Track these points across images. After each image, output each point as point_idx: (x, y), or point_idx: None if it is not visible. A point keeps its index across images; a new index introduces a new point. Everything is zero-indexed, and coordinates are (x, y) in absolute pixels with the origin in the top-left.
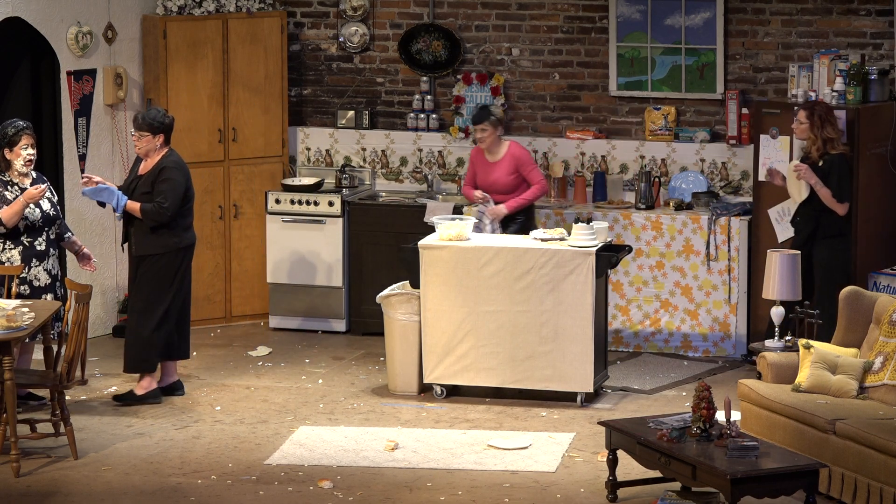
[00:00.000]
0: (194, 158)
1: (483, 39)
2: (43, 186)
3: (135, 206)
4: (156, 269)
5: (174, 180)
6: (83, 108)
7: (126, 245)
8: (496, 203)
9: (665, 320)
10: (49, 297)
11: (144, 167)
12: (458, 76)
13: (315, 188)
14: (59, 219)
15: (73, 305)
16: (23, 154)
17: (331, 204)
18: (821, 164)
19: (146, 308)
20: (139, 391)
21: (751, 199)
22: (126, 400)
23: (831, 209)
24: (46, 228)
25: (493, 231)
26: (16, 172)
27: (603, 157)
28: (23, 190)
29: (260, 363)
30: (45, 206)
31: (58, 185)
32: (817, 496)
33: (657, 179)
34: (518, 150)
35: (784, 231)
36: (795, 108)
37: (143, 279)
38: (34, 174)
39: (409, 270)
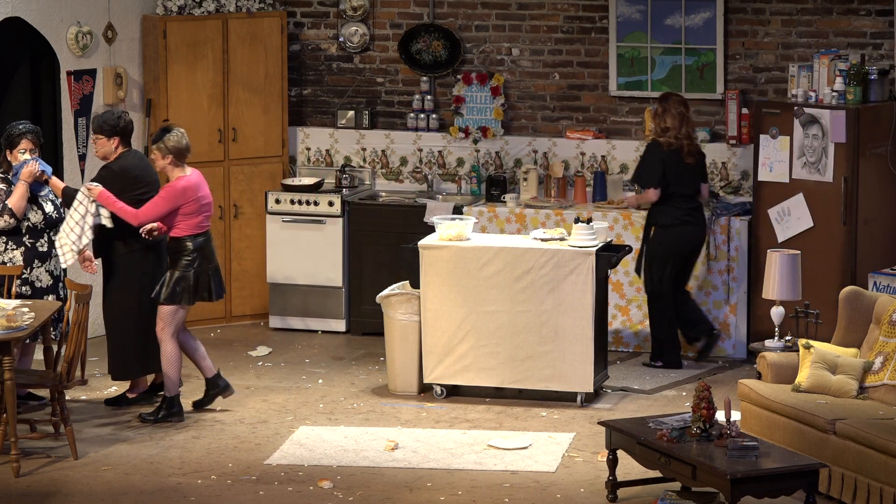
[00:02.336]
0: (194, 158)
1: (483, 39)
2: (34, 163)
3: (58, 184)
4: (120, 270)
5: (102, 178)
6: (83, 108)
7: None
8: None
9: None
10: (51, 298)
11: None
12: (458, 76)
13: (315, 188)
14: (62, 220)
15: (73, 305)
16: (19, 158)
17: (331, 204)
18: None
19: (118, 313)
20: (130, 394)
21: (751, 199)
22: (118, 403)
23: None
24: (48, 230)
25: (87, 218)
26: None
27: (603, 157)
28: (18, 170)
29: (260, 363)
30: (48, 208)
31: None
32: (817, 496)
33: None
34: (173, 183)
35: (784, 231)
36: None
37: (110, 282)
38: (37, 159)
39: (409, 270)
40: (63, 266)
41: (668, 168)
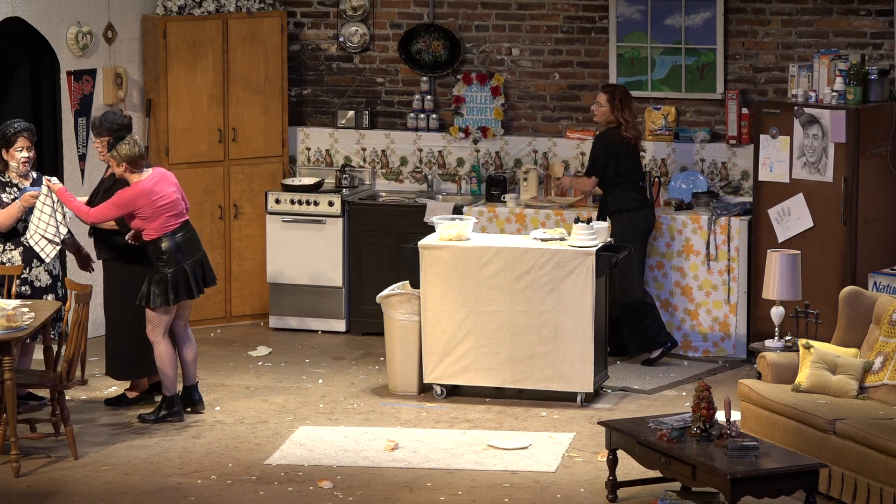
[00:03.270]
0: (194, 158)
1: (483, 39)
2: (36, 191)
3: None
4: (120, 271)
5: (117, 182)
6: (83, 108)
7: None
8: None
9: (665, 320)
10: (50, 297)
11: (110, 170)
12: (458, 76)
13: (315, 188)
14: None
15: (73, 305)
16: (17, 156)
17: (331, 204)
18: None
19: (121, 313)
20: (130, 394)
21: (751, 199)
22: (118, 403)
23: (617, 189)
24: None
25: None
26: (13, 173)
27: None
28: (21, 191)
29: (260, 363)
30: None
31: None
32: (817, 496)
33: (657, 179)
34: (128, 188)
35: (784, 231)
36: (602, 87)
37: (110, 283)
38: (34, 174)
39: (409, 270)
40: (47, 260)
41: (620, 158)
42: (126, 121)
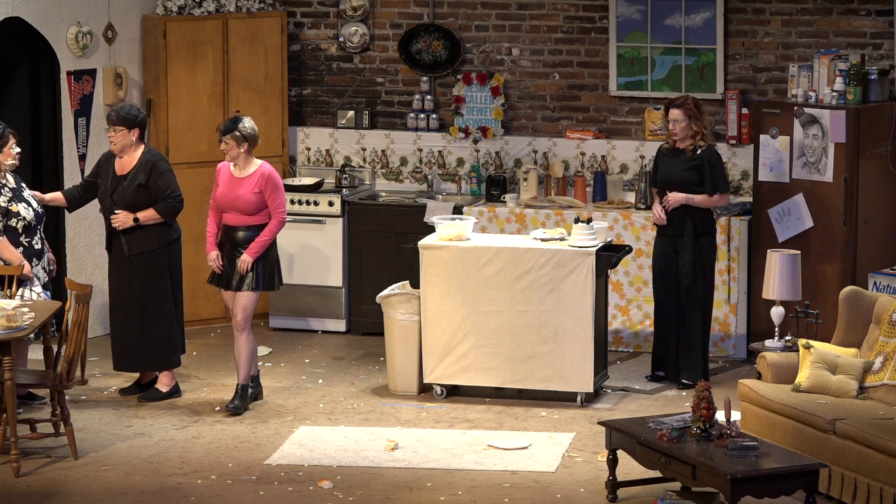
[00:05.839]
0: (194, 158)
1: (483, 39)
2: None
3: (149, 214)
4: (151, 264)
5: (170, 171)
6: (83, 108)
7: (110, 249)
8: (235, 227)
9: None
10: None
11: (122, 166)
12: (458, 76)
13: (315, 188)
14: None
15: (73, 305)
16: (12, 153)
17: (331, 204)
18: (699, 152)
19: (155, 305)
20: (163, 388)
21: (751, 199)
22: (153, 398)
23: (703, 209)
24: (39, 226)
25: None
26: (6, 170)
27: (603, 157)
28: (12, 190)
29: (260, 363)
30: (35, 204)
31: (57, 185)
32: (817, 496)
33: None
34: (269, 172)
35: (784, 231)
36: (670, 105)
37: (140, 277)
38: (11, 177)
39: (409, 270)
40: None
41: None
42: (140, 115)
